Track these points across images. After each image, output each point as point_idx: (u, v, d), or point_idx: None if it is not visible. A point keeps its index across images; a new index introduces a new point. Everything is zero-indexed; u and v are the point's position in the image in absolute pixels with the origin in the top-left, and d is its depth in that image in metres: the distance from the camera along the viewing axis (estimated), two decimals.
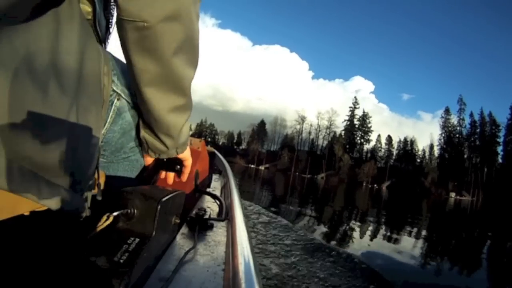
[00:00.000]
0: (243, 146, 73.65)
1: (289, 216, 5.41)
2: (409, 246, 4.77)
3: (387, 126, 66.07)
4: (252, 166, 58.93)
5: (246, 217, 0.70)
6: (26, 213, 0.31)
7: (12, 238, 0.35)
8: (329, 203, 10.13)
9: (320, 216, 6.22)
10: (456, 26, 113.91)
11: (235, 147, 74.46)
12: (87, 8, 0.41)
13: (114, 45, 0.47)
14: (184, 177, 0.63)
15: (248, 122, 75.80)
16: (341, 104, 72.52)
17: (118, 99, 0.47)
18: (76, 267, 0.36)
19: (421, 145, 61.28)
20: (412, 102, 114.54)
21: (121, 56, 0.46)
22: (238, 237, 0.55)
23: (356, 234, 5.08)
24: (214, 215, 0.83)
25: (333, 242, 4.02)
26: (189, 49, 0.42)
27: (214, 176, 1.85)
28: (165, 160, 0.59)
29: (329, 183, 35.44)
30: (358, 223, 6.32)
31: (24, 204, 0.30)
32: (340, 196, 15.52)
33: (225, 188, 1.30)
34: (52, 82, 0.30)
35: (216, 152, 2.05)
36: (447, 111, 56.93)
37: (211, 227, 0.68)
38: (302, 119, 67.50)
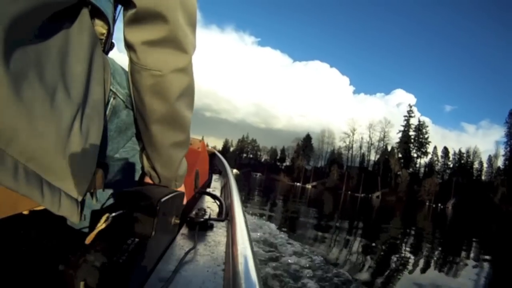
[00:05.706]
0: (287, 162, 71.32)
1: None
2: None
3: (431, 140, 59.12)
4: (298, 184, 56.19)
5: (246, 217, 0.69)
6: (26, 212, 0.33)
7: (12, 236, 0.36)
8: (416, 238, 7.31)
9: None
10: (498, 32, 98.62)
11: (279, 163, 72.30)
12: (101, 29, 0.46)
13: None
14: None
15: (291, 139, 73.81)
16: (383, 118, 66.89)
17: (114, 98, 0.49)
18: (76, 268, 0.36)
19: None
20: (454, 113, 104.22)
21: (117, 58, 0.53)
22: (238, 237, 0.54)
23: None
24: (214, 215, 0.83)
25: None
26: (189, 94, 0.52)
27: (214, 176, 1.86)
28: None
29: (387, 203, 31.27)
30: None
31: (24, 203, 0.31)
32: (412, 222, 12.36)
33: (225, 188, 1.28)
34: (59, 89, 0.33)
35: (216, 152, 2.09)
36: (511, 115, 48.82)
37: (211, 227, 0.68)
38: (352, 131, 62.60)
